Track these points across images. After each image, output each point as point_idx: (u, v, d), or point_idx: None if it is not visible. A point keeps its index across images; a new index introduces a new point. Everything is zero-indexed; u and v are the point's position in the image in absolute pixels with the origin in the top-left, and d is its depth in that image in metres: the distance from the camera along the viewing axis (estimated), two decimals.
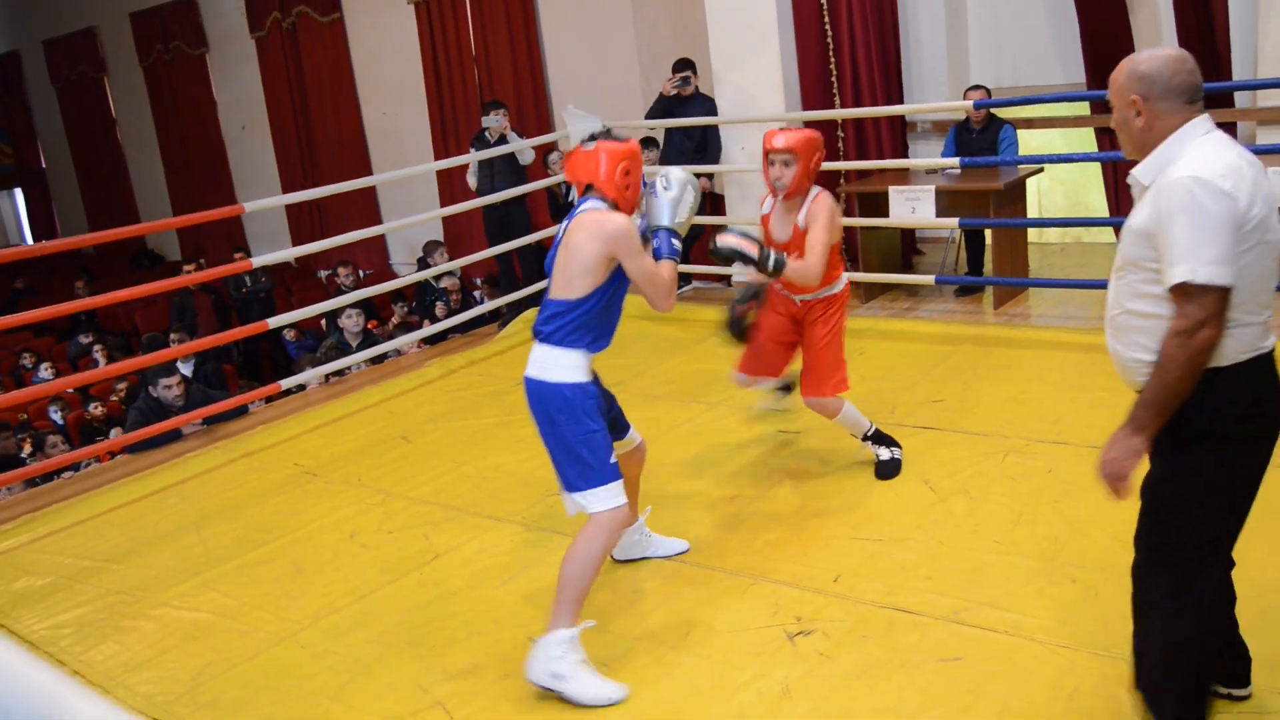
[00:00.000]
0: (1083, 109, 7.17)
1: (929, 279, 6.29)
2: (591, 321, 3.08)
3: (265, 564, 4.09)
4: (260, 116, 12.75)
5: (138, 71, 14.23)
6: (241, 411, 5.88)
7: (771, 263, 3.69)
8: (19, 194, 18.48)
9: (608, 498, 3.03)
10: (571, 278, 3.05)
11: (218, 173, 13.60)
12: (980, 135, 6.52)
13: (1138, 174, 2.29)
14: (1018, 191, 6.34)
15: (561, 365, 3.06)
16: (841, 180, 7.05)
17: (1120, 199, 7.06)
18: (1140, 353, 2.26)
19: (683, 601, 3.40)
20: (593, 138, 3.25)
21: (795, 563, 3.54)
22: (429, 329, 7.18)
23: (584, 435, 3.03)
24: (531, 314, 7.04)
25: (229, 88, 13.17)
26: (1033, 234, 7.24)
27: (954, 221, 6.10)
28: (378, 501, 4.51)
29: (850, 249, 7.11)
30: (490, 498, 4.38)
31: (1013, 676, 2.81)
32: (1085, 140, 7.32)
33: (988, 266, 6.68)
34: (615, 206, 3.13)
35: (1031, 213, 7.08)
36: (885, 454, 4.18)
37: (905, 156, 7.33)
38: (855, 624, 3.15)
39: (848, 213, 6.87)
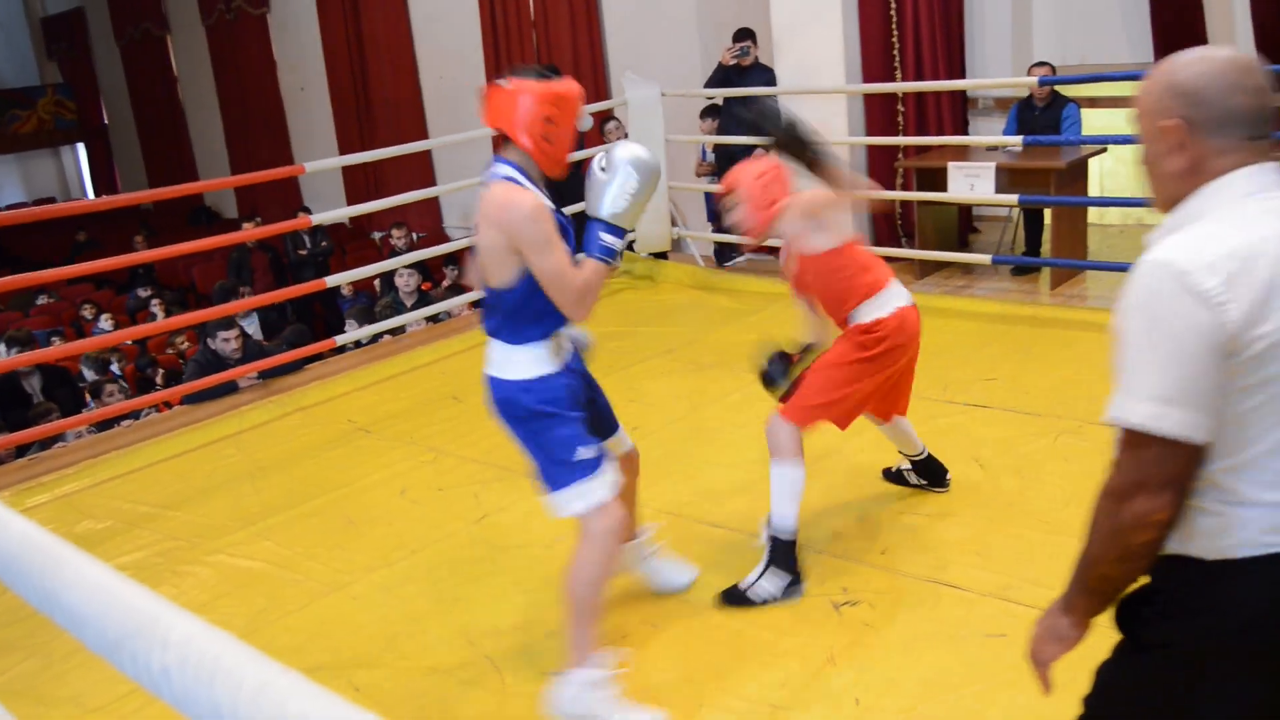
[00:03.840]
0: None
1: (985, 258, 6.23)
2: (528, 309, 2.61)
3: (318, 516, 4.17)
4: (319, 78, 12.85)
5: (200, 30, 14.38)
6: (297, 367, 5.97)
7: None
8: (81, 149, 18.80)
9: (589, 493, 2.63)
10: (488, 265, 2.62)
11: (276, 133, 13.74)
12: (1043, 113, 6.43)
13: (1152, 241, 1.54)
14: (1079, 171, 6.25)
15: (515, 362, 2.65)
16: (900, 155, 6.99)
17: None
18: None
19: (729, 567, 3.40)
20: (514, 72, 2.58)
21: (842, 534, 3.55)
22: (479, 292, 7.24)
23: (550, 428, 2.63)
24: None
25: (289, 48, 13.28)
26: (1094, 215, 7.14)
27: (1013, 199, 6.03)
28: (429, 459, 4.58)
29: (907, 225, 7.06)
30: None
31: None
32: None
33: (1046, 247, 6.59)
34: (535, 165, 2.59)
35: (1094, 193, 6.97)
36: (755, 578, 3.21)
37: (965, 133, 7.25)
38: (901, 596, 3.16)
39: (905, 187, 6.82)
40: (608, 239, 2.55)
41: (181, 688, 0.73)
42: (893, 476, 3.86)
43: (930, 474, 3.75)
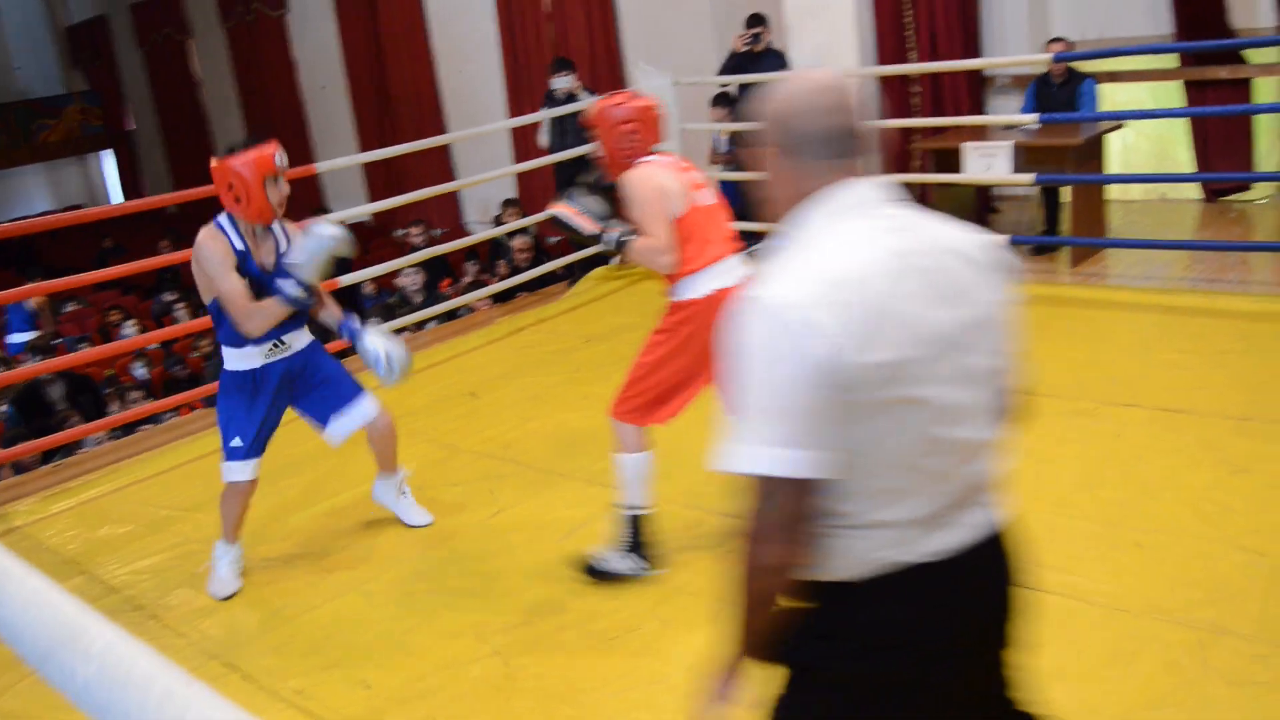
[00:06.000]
0: (1171, 61, 6.93)
1: (1004, 238, 6.15)
2: (224, 323, 3.50)
3: (336, 514, 4.20)
4: (338, 76, 12.91)
5: (220, 34, 14.49)
6: None
7: (609, 239, 3.11)
8: (109, 155, 19.01)
9: (227, 473, 3.59)
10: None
11: (297, 132, 13.81)
12: (1060, 90, 6.35)
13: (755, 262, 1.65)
14: (1096, 148, 6.17)
15: (226, 355, 3.60)
16: (915, 137, 6.93)
17: (1209, 154, 6.83)
18: None
19: None
20: (230, 149, 3.40)
21: None
22: (494, 287, 7.24)
23: (220, 415, 3.60)
24: (600, 272, 7.06)
25: (308, 48, 13.35)
26: (1116, 191, 7.05)
27: (1029, 178, 5.96)
28: (444, 455, 4.59)
29: (924, 207, 6.98)
30: (555, 454, 4.42)
31: (1071, 639, 2.78)
32: (1173, 95, 7.08)
33: (1065, 225, 6.52)
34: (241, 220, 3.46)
35: (1115, 169, 6.88)
36: (611, 556, 3.32)
37: (982, 112, 7.17)
38: None
39: (922, 169, 6.75)
40: (288, 286, 3.42)
41: (101, 698, 0.73)
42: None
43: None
